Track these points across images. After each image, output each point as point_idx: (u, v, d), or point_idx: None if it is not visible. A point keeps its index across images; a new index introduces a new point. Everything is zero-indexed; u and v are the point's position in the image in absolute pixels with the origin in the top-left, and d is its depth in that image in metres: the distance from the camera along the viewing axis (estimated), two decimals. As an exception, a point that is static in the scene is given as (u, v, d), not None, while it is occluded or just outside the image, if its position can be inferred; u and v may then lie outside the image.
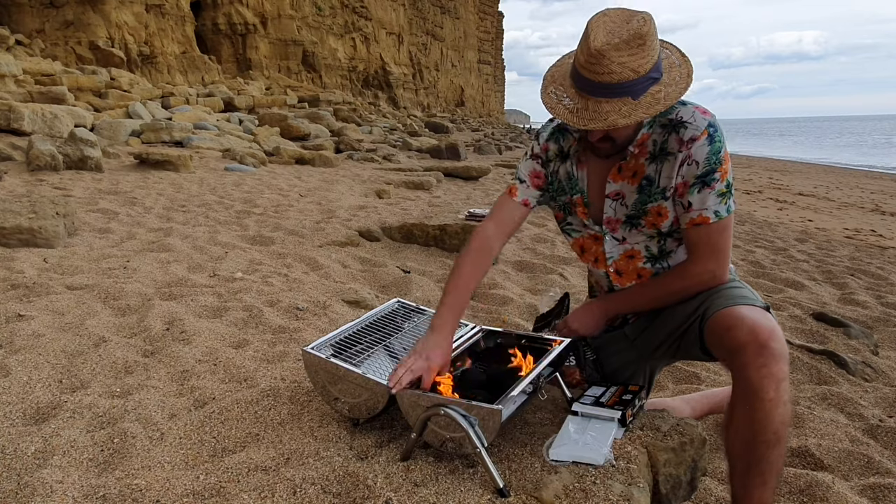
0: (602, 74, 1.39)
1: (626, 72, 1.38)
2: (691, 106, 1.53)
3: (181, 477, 1.52)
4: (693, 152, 1.50)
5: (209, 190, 6.55)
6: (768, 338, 1.37)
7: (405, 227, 4.52)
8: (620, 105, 1.41)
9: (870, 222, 8.64)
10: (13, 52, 15.44)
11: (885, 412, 2.29)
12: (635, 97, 1.41)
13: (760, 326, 1.39)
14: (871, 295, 3.94)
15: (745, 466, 1.42)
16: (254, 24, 28.38)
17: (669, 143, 1.53)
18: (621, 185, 1.62)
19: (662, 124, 1.55)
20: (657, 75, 1.42)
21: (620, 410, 1.57)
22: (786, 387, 1.37)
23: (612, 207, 1.65)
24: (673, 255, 1.67)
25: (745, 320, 1.41)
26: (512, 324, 2.96)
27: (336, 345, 1.78)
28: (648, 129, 1.56)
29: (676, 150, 1.52)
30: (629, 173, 1.60)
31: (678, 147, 1.52)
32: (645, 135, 1.56)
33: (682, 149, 1.51)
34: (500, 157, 15.77)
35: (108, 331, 2.44)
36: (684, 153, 1.51)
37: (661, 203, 1.58)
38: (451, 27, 62.80)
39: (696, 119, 1.50)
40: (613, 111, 1.41)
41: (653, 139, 1.56)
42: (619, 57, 1.37)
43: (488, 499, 1.37)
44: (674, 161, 1.53)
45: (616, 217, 1.66)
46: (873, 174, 19.58)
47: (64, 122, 8.85)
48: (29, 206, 3.87)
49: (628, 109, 1.40)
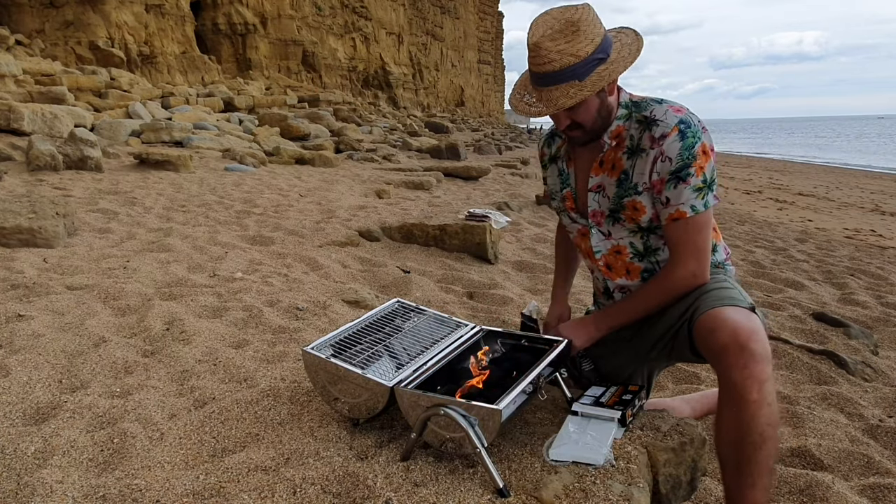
0: (544, 65, 1.49)
1: (565, 58, 1.47)
2: (666, 104, 1.58)
3: (181, 477, 1.52)
4: (665, 149, 1.54)
5: (209, 190, 6.55)
6: (748, 339, 1.37)
7: (405, 227, 4.52)
8: (568, 89, 1.50)
9: (870, 222, 8.64)
10: (13, 52, 15.43)
11: (885, 412, 2.29)
12: (581, 79, 1.49)
13: (741, 328, 1.39)
14: (870, 295, 3.94)
15: (735, 467, 1.43)
16: (254, 24, 28.37)
17: (643, 140, 1.59)
18: (602, 178, 1.68)
19: (638, 120, 1.60)
20: (603, 56, 1.50)
21: (620, 410, 1.57)
22: (769, 388, 1.37)
23: (596, 200, 1.71)
24: (660, 252, 1.69)
25: (727, 322, 1.42)
26: (512, 323, 2.96)
27: (336, 345, 1.78)
28: (624, 122, 1.62)
29: (648, 147, 1.57)
30: (609, 166, 1.66)
31: (650, 144, 1.57)
32: (620, 126, 1.62)
33: (653, 146, 1.56)
34: (500, 158, 15.77)
35: (108, 331, 2.44)
36: (656, 150, 1.55)
37: (636, 198, 1.62)
38: (450, 27, 62.79)
39: (668, 116, 1.55)
40: (562, 95, 1.50)
41: (629, 133, 1.62)
42: (555, 46, 1.47)
43: (488, 499, 1.37)
44: (646, 158, 1.58)
45: (600, 209, 1.71)
46: (873, 174, 19.58)
47: (64, 122, 8.85)
48: (29, 206, 3.87)
49: (575, 91, 1.49)
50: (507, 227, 5.27)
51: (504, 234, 4.97)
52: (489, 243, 4.22)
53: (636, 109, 1.62)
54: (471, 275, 3.77)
